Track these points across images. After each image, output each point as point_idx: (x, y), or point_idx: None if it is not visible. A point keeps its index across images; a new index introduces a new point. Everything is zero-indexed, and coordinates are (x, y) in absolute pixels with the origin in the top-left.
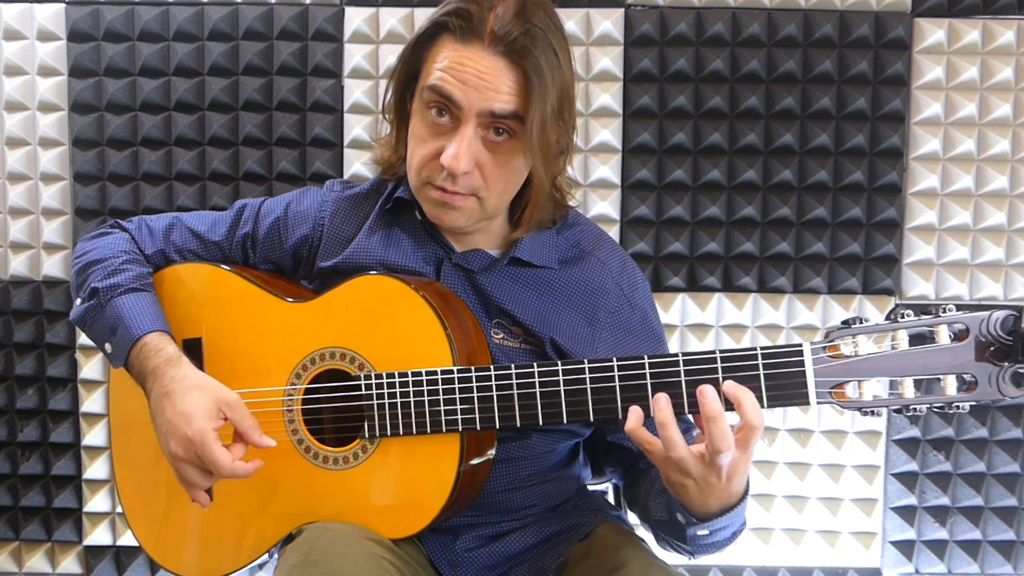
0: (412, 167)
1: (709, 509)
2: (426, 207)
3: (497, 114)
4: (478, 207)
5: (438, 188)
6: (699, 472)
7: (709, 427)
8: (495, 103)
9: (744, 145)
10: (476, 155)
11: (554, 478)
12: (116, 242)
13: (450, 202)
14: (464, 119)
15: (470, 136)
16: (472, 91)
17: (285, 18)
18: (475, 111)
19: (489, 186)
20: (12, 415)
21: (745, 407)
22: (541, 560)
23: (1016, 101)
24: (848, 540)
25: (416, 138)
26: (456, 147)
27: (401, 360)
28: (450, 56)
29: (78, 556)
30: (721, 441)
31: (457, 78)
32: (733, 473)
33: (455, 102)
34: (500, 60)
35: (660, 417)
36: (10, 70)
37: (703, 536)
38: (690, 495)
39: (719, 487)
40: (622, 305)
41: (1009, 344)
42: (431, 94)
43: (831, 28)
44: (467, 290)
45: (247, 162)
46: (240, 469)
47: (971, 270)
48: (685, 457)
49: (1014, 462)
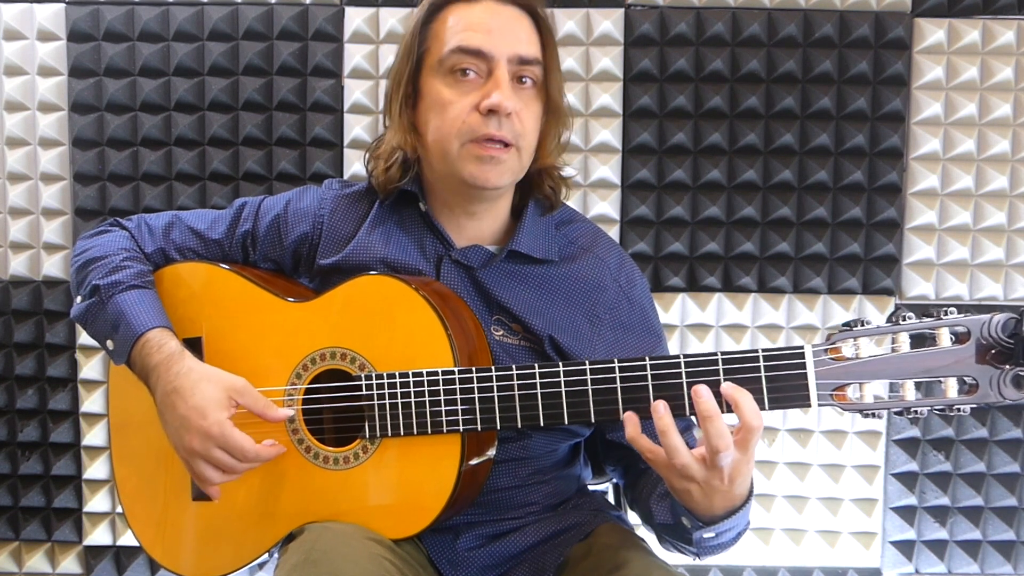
0: (446, 136)
1: (714, 512)
2: (469, 169)
3: (524, 59)
4: (517, 160)
5: (482, 141)
6: (702, 476)
7: (705, 426)
8: (521, 48)
9: (744, 145)
10: (513, 98)
11: (554, 478)
12: (116, 240)
13: (496, 155)
14: (495, 66)
15: (508, 79)
16: (498, 38)
17: (285, 18)
18: (505, 56)
19: (526, 132)
20: (12, 415)
21: (743, 408)
22: (541, 560)
23: (1016, 101)
24: (848, 540)
25: (443, 105)
26: (498, 87)
27: (402, 360)
28: (463, 18)
29: (78, 556)
30: (719, 440)
31: (481, 30)
32: (735, 475)
33: (484, 53)
34: (512, 9)
35: (661, 425)
36: (10, 70)
37: (709, 539)
38: (695, 499)
39: (722, 489)
40: (620, 301)
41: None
42: (456, 56)
43: (831, 28)
44: (467, 286)
45: (247, 162)
46: (265, 452)
47: (971, 270)
48: (688, 463)
49: (1014, 462)
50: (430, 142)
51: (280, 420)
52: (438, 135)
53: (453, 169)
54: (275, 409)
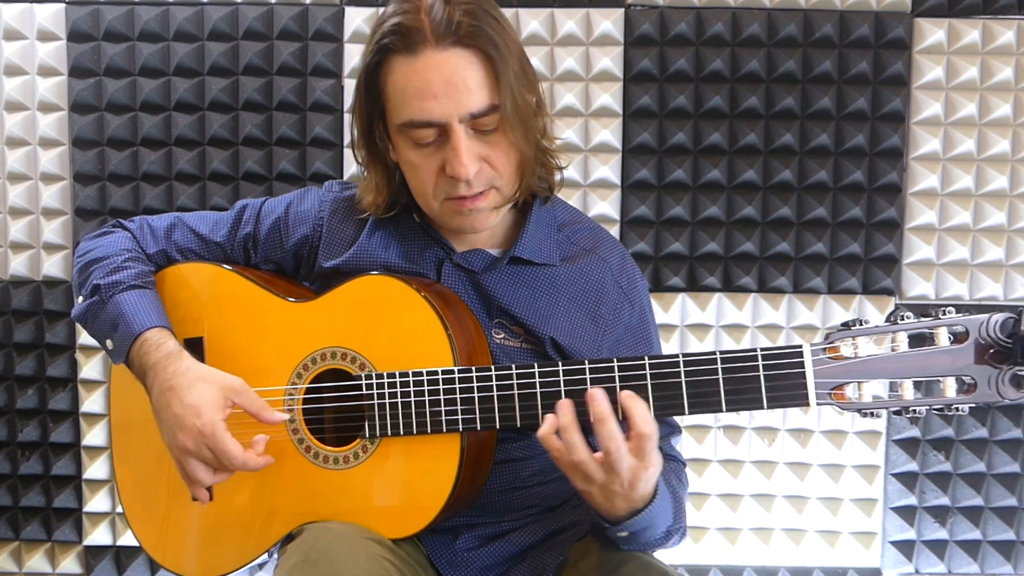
0: (423, 194)
1: (616, 513)
2: (454, 223)
3: (477, 113)
4: (498, 196)
5: (458, 199)
6: (600, 478)
7: (598, 429)
8: (471, 104)
9: (744, 145)
10: (476, 152)
11: (554, 478)
12: (118, 241)
13: (474, 207)
14: (449, 130)
15: (464, 140)
16: (445, 101)
17: (285, 18)
18: (456, 118)
19: (501, 173)
20: (12, 415)
21: (634, 415)
22: (540, 560)
23: (1016, 101)
24: (848, 540)
25: (412, 167)
26: (456, 155)
27: (402, 360)
28: (407, 78)
29: (78, 556)
30: (610, 442)
31: (425, 97)
32: (635, 480)
33: (434, 123)
34: (454, 51)
35: (563, 422)
36: (10, 70)
37: (625, 537)
38: (595, 500)
39: (622, 493)
40: (622, 303)
41: (1008, 347)
42: (411, 130)
43: (831, 28)
44: (468, 290)
45: (247, 162)
46: (251, 462)
47: (971, 270)
48: (585, 460)
49: (1014, 462)
50: (414, 193)
51: (276, 423)
52: (416, 192)
53: (440, 220)
54: (271, 411)
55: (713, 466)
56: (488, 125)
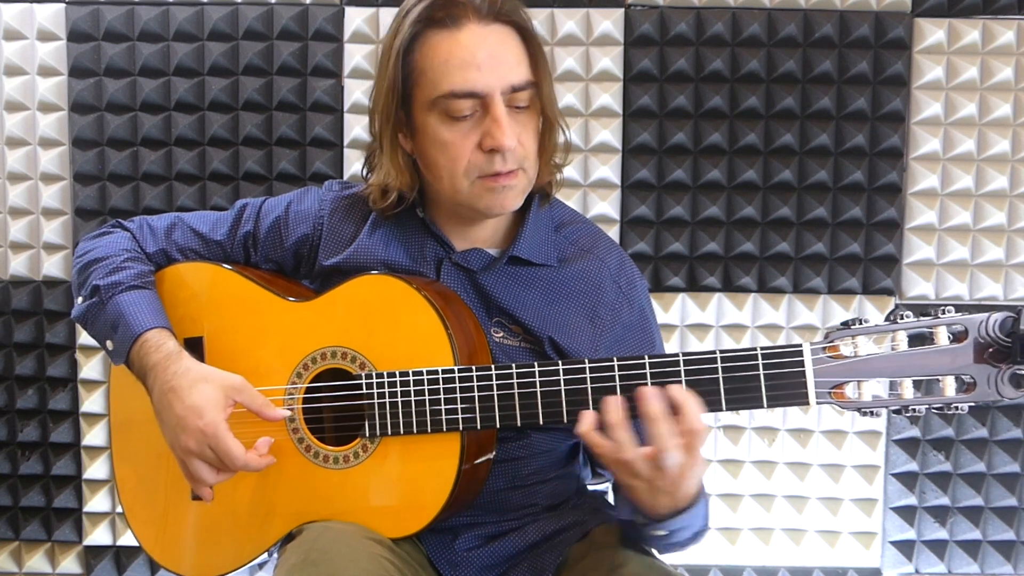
0: (453, 175)
1: (658, 511)
2: (485, 201)
3: (517, 86)
4: (526, 179)
5: (491, 177)
6: (647, 474)
7: (651, 428)
8: (512, 77)
9: (744, 145)
10: (513, 128)
11: (554, 478)
12: (118, 241)
13: (508, 183)
14: (491, 102)
15: (505, 113)
16: (488, 72)
17: (285, 18)
18: (499, 89)
19: (529, 154)
20: (12, 415)
21: (686, 412)
22: (540, 560)
23: (1016, 101)
24: (848, 540)
25: (442, 146)
26: (498, 125)
27: (402, 359)
28: (450, 52)
29: (78, 556)
30: (661, 440)
31: (469, 68)
32: (681, 478)
33: (478, 93)
34: (496, 27)
35: (611, 420)
36: (10, 70)
37: (661, 536)
38: (639, 496)
39: (667, 490)
40: (621, 303)
41: (1007, 346)
42: (449, 100)
43: (831, 28)
44: (467, 289)
45: (247, 162)
46: (253, 462)
47: (971, 270)
48: (634, 459)
49: (1014, 462)
50: (437, 177)
51: (278, 419)
52: (445, 174)
53: (467, 202)
54: (273, 408)
55: (713, 466)
56: (522, 101)
